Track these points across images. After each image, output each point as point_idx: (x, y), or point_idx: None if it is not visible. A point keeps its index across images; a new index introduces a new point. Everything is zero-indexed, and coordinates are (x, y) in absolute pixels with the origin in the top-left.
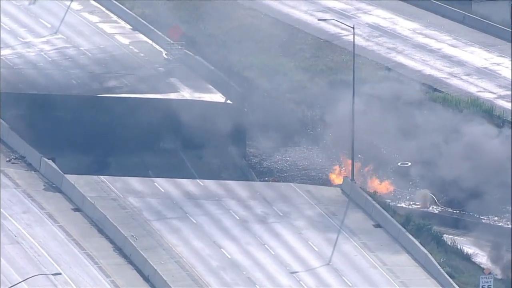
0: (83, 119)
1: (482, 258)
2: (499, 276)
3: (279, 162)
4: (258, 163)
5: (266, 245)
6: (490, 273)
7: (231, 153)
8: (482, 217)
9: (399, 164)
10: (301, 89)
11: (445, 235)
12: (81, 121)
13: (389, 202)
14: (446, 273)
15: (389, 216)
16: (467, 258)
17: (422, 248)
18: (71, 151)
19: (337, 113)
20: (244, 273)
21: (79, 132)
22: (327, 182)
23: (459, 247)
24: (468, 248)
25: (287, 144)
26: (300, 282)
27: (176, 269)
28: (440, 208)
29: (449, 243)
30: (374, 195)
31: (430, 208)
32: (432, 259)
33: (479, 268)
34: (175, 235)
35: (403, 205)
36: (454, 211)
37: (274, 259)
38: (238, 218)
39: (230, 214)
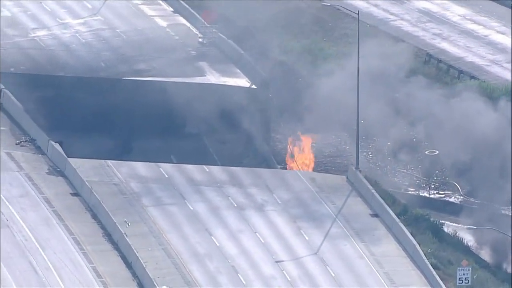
0: (107, 102)
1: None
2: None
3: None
4: (284, 149)
5: (257, 233)
6: (468, 265)
7: (254, 139)
8: (503, 208)
9: (426, 152)
10: (336, 75)
11: (448, 223)
12: (104, 105)
13: (411, 191)
14: (431, 264)
15: (386, 206)
16: (466, 249)
17: (411, 238)
18: (94, 135)
19: (368, 99)
20: (229, 261)
21: (102, 115)
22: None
23: (460, 238)
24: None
25: (314, 131)
26: (283, 271)
27: (162, 256)
28: (462, 197)
29: (450, 234)
30: (377, 184)
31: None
32: (419, 250)
33: (476, 260)
34: (168, 222)
35: (425, 194)
36: (476, 201)
37: (262, 248)
38: (235, 205)
39: (228, 201)
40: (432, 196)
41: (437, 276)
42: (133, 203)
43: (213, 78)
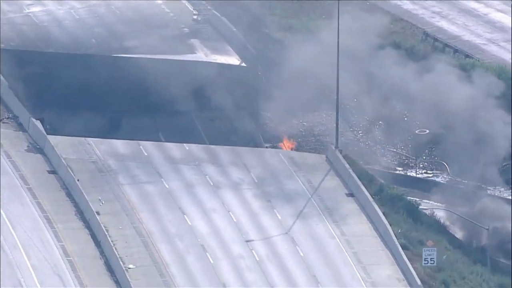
0: (96, 79)
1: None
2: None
3: (295, 127)
4: (273, 128)
5: (230, 212)
6: (433, 246)
7: (243, 117)
8: (489, 188)
9: (417, 131)
10: (331, 53)
11: (426, 202)
12: (94, 82)
13: (399, 170)
14: (401, 244)
15: (361, 185)
16: (442, 229)
17: (383, 218)
18: (82, 112)
19: (362, 78)
20: (199, 240)
21: (91, 93)
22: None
23: (437, 218)
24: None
25: (306, 109)
26: (252, 250)
27: (132, 234)
28: (450, 178)
29: (427, 214)
30: (355, 163)
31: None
32: (390, 230)
33: (450, 240)
34: (143, 200)
35: (412, 174)
36: (463, 181)
37: (234, 227)
38: (212, 184)
39: (205, 180)
40: (419, 176)
41: (404, 256)
42: (109, 181)
43: (203, 55)
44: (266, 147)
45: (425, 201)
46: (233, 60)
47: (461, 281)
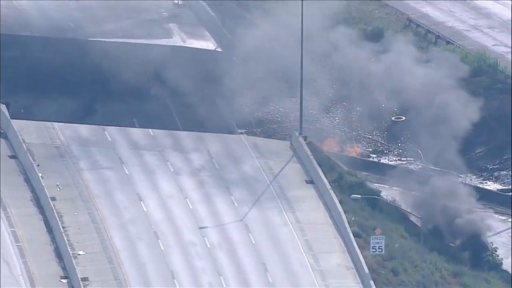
0: (72, 63)
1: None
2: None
3: (271, 113)
4: (249, 113)
5: (187, 199)
6: (381, 234)
7: (218, 102)
8: (461, 175)
9: (393, 118)
10: (310, 37)
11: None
12: (70, 66)
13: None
14: (354, 232)
15: (321, 172)
16: (402, 217)
17: (338, 206)
18: (58, 97)
19: (342, 63)
20: (152, 227)
21: (67, 77)
22: (316, 134)
23: (398, 205)
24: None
25: (282, 95)
26: (205, 237)
27: (86, 221)
28: (423, 165)
29: (388, 201)
30: (319, 150)
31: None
32: (344, 217)
33: (408, 228)
34: (101, 186)
35: (385, 161)
36: (436, 169)
37: (189, 214)
38: (172, 170)
39: (166, 166)
40: (391, 163)
41: (355, 244)
42: (69, 167)
43: (179, 40)
44: (241, 133)
45: (385, 185)
46: (209, 45)
47: (412, 269)
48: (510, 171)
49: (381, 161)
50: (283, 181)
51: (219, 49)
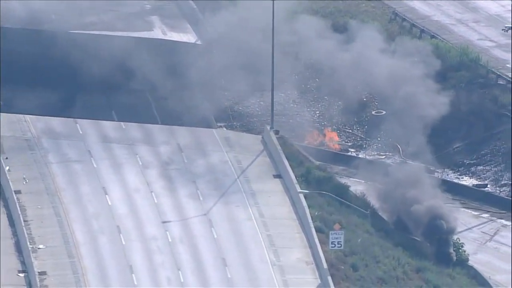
0: (52, 55)
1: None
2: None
3: (252, 107)
4: (230, 107)
5: (153, 193)
6: (340, 229)
7: (197, 96)
8: (438, 170)
9: (373, 112)
10: (294, 31)
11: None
12: (50, 58)
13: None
14: (316, 227)
15: (288, 167)
16: (371, 212)
17: (303, 201)
18: (37, 89)
19: (325, 57)
20: (115, 221)
21: (47, 69)
22: (296, 128)
23: (368, 200)
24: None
25: (265, 88)
26: (167, 232)
27: (49, 214)
28: (401, 159)
29: (357, 195)
30: (289, 144)
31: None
32: (307, 213)
33: (375, 223)
34: (68, 179)
35: (363, 155)
36: (414, 163)
37: (153, 208)
38: (140, 163)
39: (134, 159)
40: (369, 157)
41: (316, 240)
42: (38, 160)
43: (159, 33)
44: (219, 127)
45: (359, 180)
46: (189, 38)
47: (374, 265)
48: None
49: (359, 156)
50: (250, 175)
51: (199, 42)
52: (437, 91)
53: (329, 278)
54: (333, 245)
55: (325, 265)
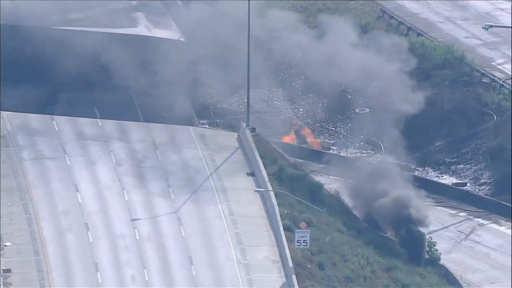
0: (35, 51)
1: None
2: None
3: (235, 104)
4: (212, 104)
5: (124, 190)
6: (306, 227)
7: (179, 93)
8: (418, 169)
9: (357, 110)
10: (280, 29)
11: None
12: (32, 54)
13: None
14: (285, 226)
15: (261, 165)
16: (345, 210)
17: (273, 198)
18: (21, 85)
19: (310, 55)
20: (85, 218)
21: (29, 65)
22: (278, 126)
23: (342, 199)
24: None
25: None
26: (135, 230)
27: (19, 211)
28: (382, 157)
29: (332, 194)
30: (265, 142)
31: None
32: (277, 211)
33: (348, 222)
34: (40, 177)
35: (344, 154)
36: (396, 162)
37: (124, 205)
38: (114, 161)
39: (108, 156)
40: (350, 155)
41: (284, 238)
42: (12, 156)
43: (143, 29)
44: (202, 124)
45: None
46: (173, 34)
47: (342, 263)
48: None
49: (340, 154)
50: (223, 173)
51: (182, 39)
52: (421, 90)
53: (294, 276)
54: (299, 244)
55: (290, 264)
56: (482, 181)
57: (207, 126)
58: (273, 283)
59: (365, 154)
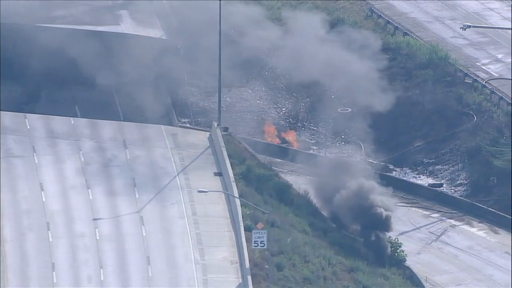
0: (18, 49)
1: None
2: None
3: (217, 103)
4: (195, 103)
5: (89, 189)
6: (263, 228)
7: (160, 91)
8: (396, 169)
9: (339, 110)
10: (266, 26)
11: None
12: (15, 52)
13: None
14: (246, 226)
15: (228, 165)
16: (313, 210)
17: (236, 199)
18: (3, 83)
19: (293, 52)
20: (46, 218)
21: (12, 63)
22: (260, 125)
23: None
24: None
25: (233, 84)
26: (96, 229)
27: None
28: (361, 157)
29: (301, 194)
30: (236, 141)
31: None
32: (239, 211)
33: (315, 223)
34: (7, 175)
35: (323, 154)
36: (375, 162)
37: (87, 205)
38: (83, 160)
39: (77, 156)
40: (329, 155)
41: (244, 239)
42: None
43: (125, 27)
44: (183, 123)
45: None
46: (155, 32)
47: (302, 264)
48: None
49: (320, 154)
50: (191, 173)
51: (164, 37)
52: (403, 90)
53: (249, 277)
54: (256, 245)
55: (247, 265)
56: (458, 182)
57: (188, 125)
58: (228, 284)
59: (345, 154)
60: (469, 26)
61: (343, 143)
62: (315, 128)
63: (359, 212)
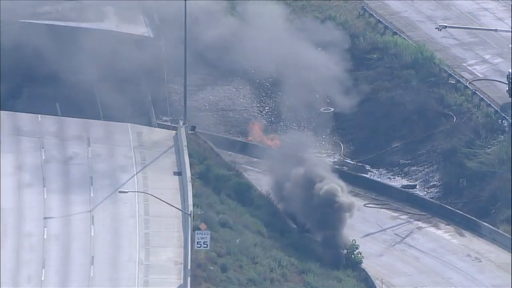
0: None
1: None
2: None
3: (200, 101)
4: (178, 101)
5: (45, 187)
6: (206, 229)
7: (141, 89)
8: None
9: (321, 109)
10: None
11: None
12: None
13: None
14: (195, 226)
15: (187, 164)
16: (275, 211)
17: (190, 199)
18: None
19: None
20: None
21: None
22: (241, 124)
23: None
24: None
25: (217, 82)
26: (45, 228)
27: None
28: (340, 158)
29: (262, 194)
30: (201, 140)
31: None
32: (191, 210)
33: (278, 224)
34: None
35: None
36: (353, 162)
37: (40, 203)
38: (43, 158)
39: (38, 153)
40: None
41: (189, 239)
42: None
43: (109, 24)
44: (164, 121)
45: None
46: (139, 30)
47: (250, 265)
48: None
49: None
50: (150, 172)
51: (147, 35)
52: (385, 90)
53: (188, 278)
54: (199, 245)
55: (189, 265)
56: (431, 183)
57: (169, 123)
58: (169, 285)
59: (324, 154)
60: (445, 27)
61: (323, 142)
62: (297, 127)
63: (305, 202)
